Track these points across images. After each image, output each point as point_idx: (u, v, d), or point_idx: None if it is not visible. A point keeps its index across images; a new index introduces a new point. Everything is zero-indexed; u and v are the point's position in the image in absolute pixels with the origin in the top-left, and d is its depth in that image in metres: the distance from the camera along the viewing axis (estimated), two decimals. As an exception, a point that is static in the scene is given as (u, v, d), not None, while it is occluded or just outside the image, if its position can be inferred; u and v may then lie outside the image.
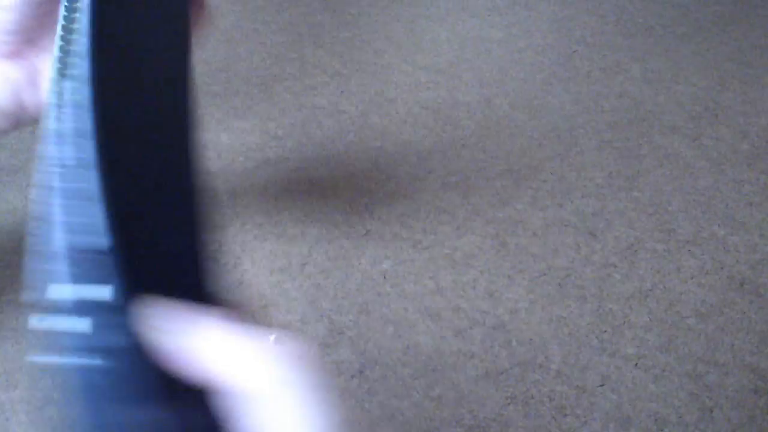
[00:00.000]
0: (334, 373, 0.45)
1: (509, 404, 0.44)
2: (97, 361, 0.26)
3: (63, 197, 0.26)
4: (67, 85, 0.27)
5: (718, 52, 0.76)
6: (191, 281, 0.29)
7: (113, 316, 0.25)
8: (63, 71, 0.27)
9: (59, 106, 0.27)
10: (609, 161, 0.62)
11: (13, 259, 0.51)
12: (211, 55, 0.72)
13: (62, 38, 0.27)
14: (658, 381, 0.45)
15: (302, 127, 0.64)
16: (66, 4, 0.27)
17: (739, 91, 0.71)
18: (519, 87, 0.70)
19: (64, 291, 0.26)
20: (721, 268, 0.53)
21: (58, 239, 0.26)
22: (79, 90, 0.27)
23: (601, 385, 0.45)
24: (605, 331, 0.48)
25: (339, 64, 0.72)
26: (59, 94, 0.27)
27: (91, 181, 0.26)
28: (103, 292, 0.25)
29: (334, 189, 0.57)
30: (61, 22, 0.27)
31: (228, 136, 0.62)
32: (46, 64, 0.33)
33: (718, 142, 0.65)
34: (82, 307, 0.25)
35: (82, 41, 0.27)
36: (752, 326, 0.49)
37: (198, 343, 0.25)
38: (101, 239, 0.26)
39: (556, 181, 0.59)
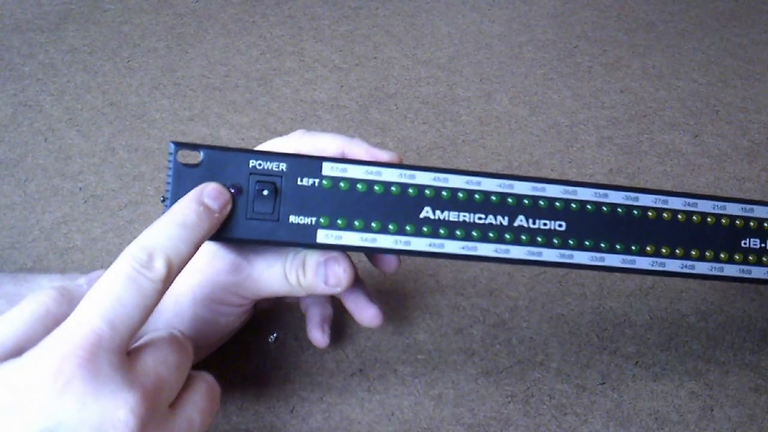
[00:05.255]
0: (333, 372, 0.45)
1: (509, 402, 0.43)
2: None
3: None
4: None
5: (720, 48, 0.76)
6: None
7: None
8: None
9: None
10: (609, 157, 0.62)
11: (11, 254, 0.50)
12: (209, 49, 0.71)
13: None
14: (658, 379, 0.45)
15: (301, 121, 0.63)
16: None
17: (740, 88, 0.71)
18: (519, 82, 0.70)
19: None
20: (722, 266, 0.52)
21: None
22: None
23: (602, 384, 0.45)
24: (605, 329, 0.48)
25: (338, 58, 0.71)
26: None
27: None
28: None
29: (333, 185, 0.57)
30: None
31: (227, 131, 0.62)
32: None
33: (719, 138, 0.65)
34: None
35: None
36: (753, 324, 0.49)
37: None
38: None
39: (556, 177, 0.59)
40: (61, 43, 0.71)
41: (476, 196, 0.37)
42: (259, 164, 0.35)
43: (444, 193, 0.36)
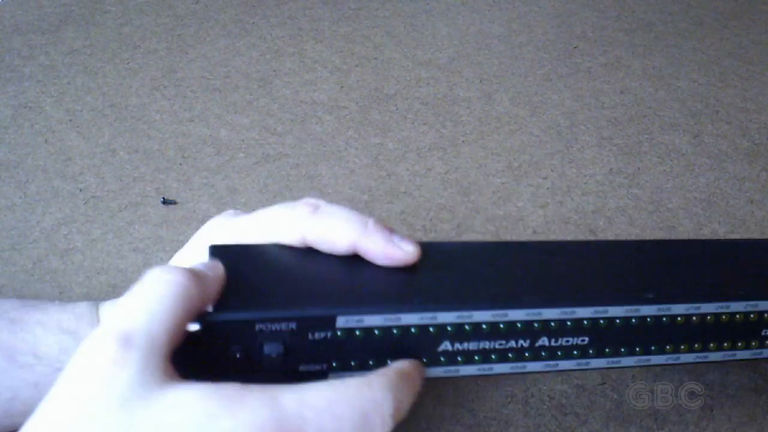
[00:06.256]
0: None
1: (509, 403, 0.43)
2: None
3: None
4: None
5: (719, 49, 0.76)
6: None
7: None
8: None
9: None
10: (609, 158, 0.62)
11: (11, 256, 0.51)
12: (209, 50, 0.72)
13: None
14: (658, 379, 0.45)
15: (302, 122, 0.63)
16: None
17: (739, 88, 0.71)
18: (519, 83, 0.70)
19: None
20: (722, 266, 0.52)
21: None
22: None
23: (602, 384, 0.45)
24: (605, 330, 0.48)
25: (339, 59, 0.71)
26: None
27: None
28: None
29: (334, 186, 0.57)
30: None
31: (227, 132, 0.62)
32: None
33: (719, 138, 0.65)
34: None
35: None
36: (753, 325, 0.49)
37: None
38: None
39: (556, 177, 0.59)
40: (61, 44, 0.71)
41: (501, 326, 0.34)
42: (266, 326, 0.31)
43: (467, 327, 0.33)
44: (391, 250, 0.34)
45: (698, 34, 0.78)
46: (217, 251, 0.33)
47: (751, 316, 0.37)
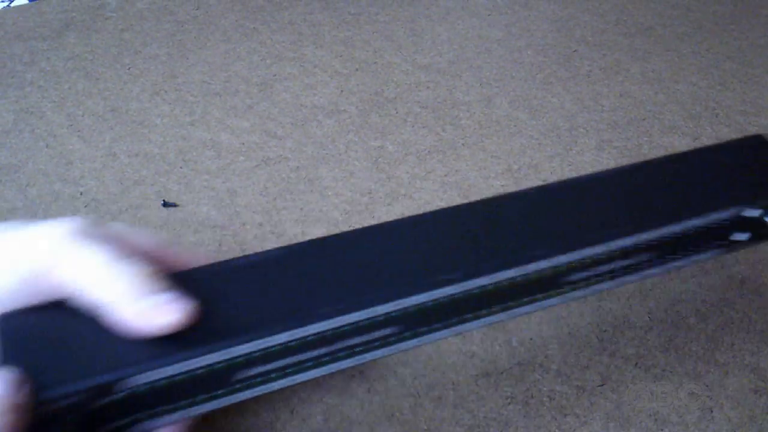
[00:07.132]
0: (333, 373, 0.45)
1: (509, 404, 0.44)
2: None
3: None
4: None
5: (719, 52, 0.76)
6: None
7: None
8: None
9: None
10: (609, 161, 0.62)
11: (12, 258, 0.51)
12: (210, 55, 0.72)
13: None
14: (658, 380, 0.45)
15: (302, 126, 0.64)
16: None
17: (739, 91, 0.71)
18: (519, 86, 0.70)
19: None
20: (721, 267, 0.52)
21: None
22: None
23: (601, 385, 0.45)
24: (605, 331, 0.48)
25: (339, 63, 0.72)
26: None
27: None
28: None
29: (334, 189, 0.57)
30: None
31: (228, 136, 0.62)
32: None
33: (719, 141, 0.65)
34: None
35: None
36: (752, 326, 0.49)
37: None
38: None
39: (556, 180, 0.59)
40: (62, 50, 0.71)
41: (294, 345, 0.32)
42: (50, 406, 0.29)
43: (256, 354, 0.32)
44: (136, 320, 0.30)
45: (697, 38, 0.79)
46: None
47: (546, 272, 0.36)
